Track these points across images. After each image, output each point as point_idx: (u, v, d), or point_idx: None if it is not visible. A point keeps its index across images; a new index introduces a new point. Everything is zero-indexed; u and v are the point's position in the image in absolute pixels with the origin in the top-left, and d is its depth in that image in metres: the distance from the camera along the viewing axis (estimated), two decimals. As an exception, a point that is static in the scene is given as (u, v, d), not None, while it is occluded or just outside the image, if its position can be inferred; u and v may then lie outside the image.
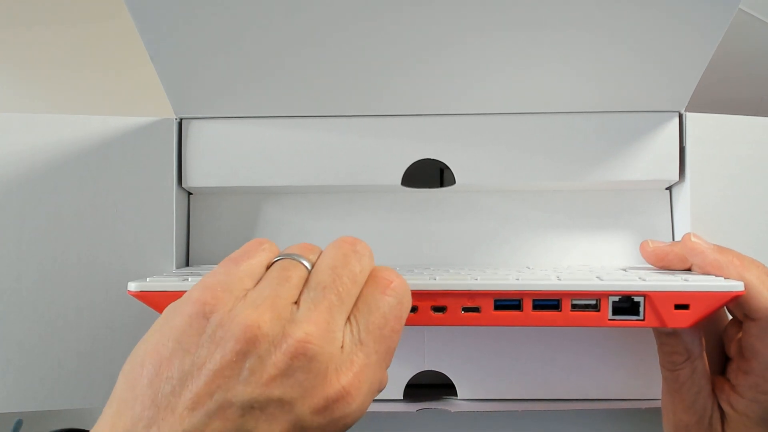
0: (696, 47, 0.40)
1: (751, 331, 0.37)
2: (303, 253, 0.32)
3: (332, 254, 0.31)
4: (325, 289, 0.29)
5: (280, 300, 0.28)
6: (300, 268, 0.31)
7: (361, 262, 0.31)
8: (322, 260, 0.31)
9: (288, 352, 0.27)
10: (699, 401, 0.39)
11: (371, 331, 0.29)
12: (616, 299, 0.35)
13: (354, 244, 0.32)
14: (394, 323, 0.30)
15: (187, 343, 0.27)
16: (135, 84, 0.61)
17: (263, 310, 0.28)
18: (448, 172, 0.46)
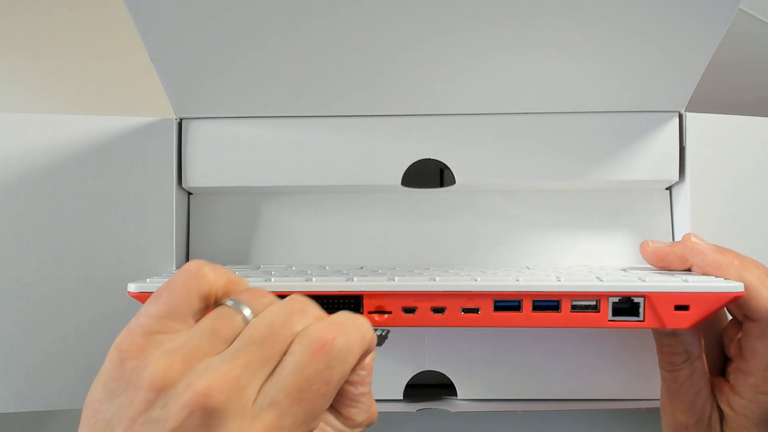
0: (696, 47, 0.40)
1: (750, 332, 0.37)
2: (250, 301, 0.30)
3: (276, 311, 0.29)
4: (252, 344, 0.28)
5: (198, 352, 0.27)
6: (236, 319, 0.29)
7: (304, 322, 0.29)
8: (264, 315, 0.29)
9: (186, 405, 0.25)
10: (698, 402, 0.39)
11: (289, 392, 0.27)
12: (616, 300, 0.35)
13: (304, 305, 0.30)
14: (319, 387, 0.28)
15: (112, 387, 0.27)
16: (135, 84, 0.61)
17: (175, 360, 0.27)
18: (448, 172, 0.46)
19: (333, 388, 0.28)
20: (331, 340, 0.28)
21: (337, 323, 0.29)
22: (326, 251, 0.47)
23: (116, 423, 0.26)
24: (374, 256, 0.47)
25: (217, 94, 0.44)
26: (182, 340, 0.28)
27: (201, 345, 0.27)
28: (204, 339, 0.28)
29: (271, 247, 0.47)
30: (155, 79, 0.43)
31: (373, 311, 0.35)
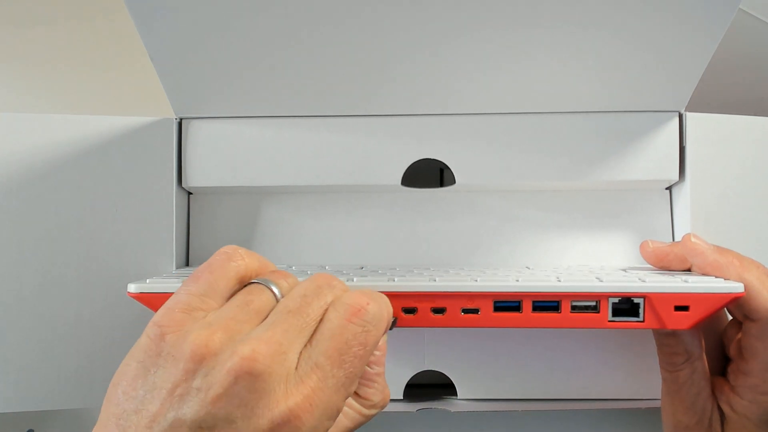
0: (696, 47, 0.40)
1: (750, 332, 0.37)
2: (276, 279, 0.31)
3: (306, 284, 0.31)
4: (289, 312, 0.29)
5: (235, 322, 0.28)
6: (267, 294, 0.30)
7: (334, 294, 0.31)
8: (295, 289, 0.31)
9: (232, 370, 0.26)
10: (698, 402, 0.39)
11: (330, 355, 0.28)
12: (616, 301, 0.35)
13: (330, 279, 0.31)
14: (358, 349, 0.29)
15: (148, 363, 0.28)
16: (135, 84, 0.61)
17: (215, 329, 0.28)
18: (448, 172, 0.46)
19: (369, 351, 0.30)
20: (365, 305, 0.30)
21: (366, 292, 0.31)
22: (326, 251, 0.47)
23: (150, 399, 0.27)
24: (374, 256, 0.47)
25: (217, 94, 0.44)
26: (218, 314, 0.29)
27: (238, 316, 0.29)
28: (240, 311, 0.29)
29: (272, 247, 0.47)
30: (155, 79, 0.43)
31: None
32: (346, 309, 0.30)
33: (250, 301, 0.30)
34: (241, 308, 0.29)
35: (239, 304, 0.30)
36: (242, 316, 0.29)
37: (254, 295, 0.30)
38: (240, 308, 0.29)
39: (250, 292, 0.30)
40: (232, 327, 0.28)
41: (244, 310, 0.29)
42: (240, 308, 0.29)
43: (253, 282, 0.31)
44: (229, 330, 0.28)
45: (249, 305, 0.29)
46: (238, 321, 0.28)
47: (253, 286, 0.31)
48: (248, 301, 0.30)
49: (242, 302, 0.30)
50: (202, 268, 0.31)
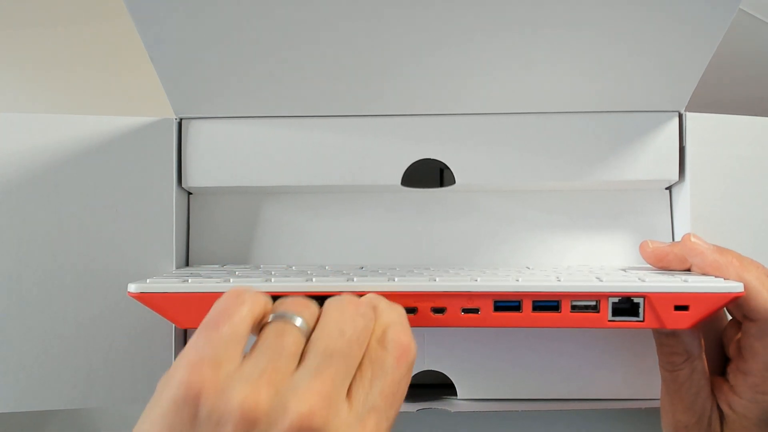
0: (696, 47, 0.40)
1: (750, 332, 0.37)
2: (297, 310, 0.30)
3: (337, 317, 0.29)
4: (332, 356, 0.28)
5: (278, 373, 0.27)
6: (296, 332, 0.29)
7: (366, 322, 0.30)
8: (329, 323, 0.29)
9: (293, 428, 0.25)
10: (698, 402, 0.39)
11: (386, 396, 0.28)
12: (616, 300, 0.35)
13: (357, 306, 0.30)
14: (404, 387, 0.29)
15: (182, 429, 0.25)
16: (135, 84, 0.61)
17: (260, 385, 0.26)
18: (448, 172, 0.46)
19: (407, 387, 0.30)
20: (408, 345, 0.30)
21: (403, 326, 0.30)
22: (326, 251, 0.47)
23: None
24: (374, 256, 0.47)
25: (217, 94, 0.44)
26: (254, 364, 0.27)
27: (277, 365, 0.27)
28: (276, 359, 0.27)
29: (271, 247, 0.47)
30: (155, 79, 0.43)
31: None
32: (395, 348, 0.29)
33: (282, 345, 0.28)
34: (276, 354, 0.27)
35: (272, 349, 0.28)
36: (280, 364, 0.27)
37: (284, 337, 0.28)
38: (275, 354, 0.27)
39: (279, 334, 0.28)
40: (275, 378, 0.26)
41: (280, 355, 0.27)
42: (275, 354, 0.27)
43: (274, 320, 0.29)
44: (273, 383, 0.26)
45: (283, 349, 0.28)
46: (278, 370, 0.27)
47: (278, 325, 0.29)
48: (280, 345, 0.28)
49: (275, 347, 0.28)
50: (218, 314, 0.28)
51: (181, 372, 0.26)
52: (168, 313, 0.35)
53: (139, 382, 0.44)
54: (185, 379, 0.26)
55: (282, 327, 0.29)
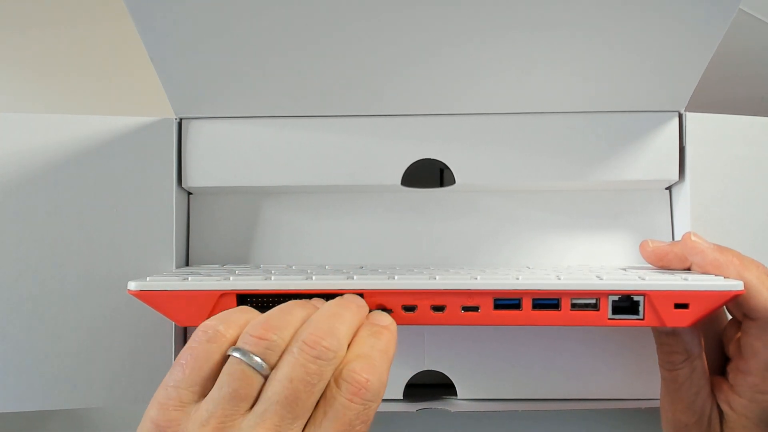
0: (696, 47, 0.40)
1: (750, 331, 0.37)
2: (258, 349, 0.30)
3: (292, 362, 0.30)
4: (278, 402, 0.29)
5: (227, 418, 0.29)
6: (250, 374, 0.30)
7: (321, 366, 0.30)
8: (280, 370, 0.30)
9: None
10: (698, 401, 0.39)
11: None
12: (616, 298, 0.35)
13: (316, 348, 0.30)
14: (361, 426, 0.29)
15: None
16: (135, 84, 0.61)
17: (209, 429, 0.28)
18: (448, 172, 0.46)
19: (370, 421, 0.30)
20: (365, 383, 0.30)
21: (368, 360, 0.30)
22: (326, 251, 0.47)
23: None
24: (374, 256, 0.47)
25: (217, 94, 0.44)
26: (206, 408, 0.29)
27: (227, 410, 0.29)
28: (228, 404, 0.29)
29: (271, 246, 0.47)
30: (155, 79, 0.43)
31: (373, 310, 0.35)
32: (348, 386, 0.29)
33: (236, 390, 0.29)
34: (230, 400, 0.29)
35: (228, 395, 0.29)
36: (230, 408, 0.29)
37: (239, 380, 0.29)
38: (229, 400, 0.29)
39: (234, 376, 0.30)
40: (224, 423, 0.28)
41: (234, 402, 0.29)
42: (229, 400, 0.29)
43: (234, 355, 0.30)
44: (221, 428, 0.28)
45: (237, 394, 0.29)
46: (228, 415, 0.29)
47: (235, 366, 0.30)
48: (235, 391, 0.29)
49: (230, 394, 0.29)
50: (185, 353, 0.31)
51: (152, 409, 0.30)
52: (168, 311, 0.35)
53: (139, 382, 0.44)
54: (153, 416, 0.29)
55: (238, 369, 0.30)
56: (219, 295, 0.35)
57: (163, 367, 0.44)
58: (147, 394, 0.44)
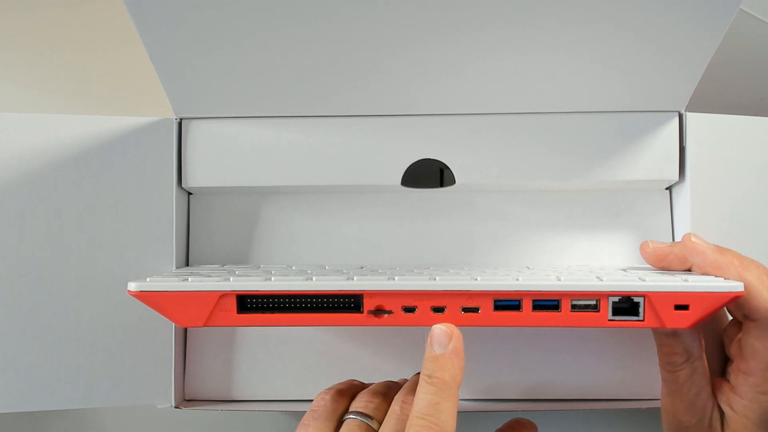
0: (696, 47, 0.40)
1: (750, 332, 0.37)
2: (371, 411, 0.36)
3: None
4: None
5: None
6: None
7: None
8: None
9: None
10: (699, 402, 0.39)
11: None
12: (616, 300, 0.35)
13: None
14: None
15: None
16: (135, 84, 0.61)
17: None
18: (448, 172, 0.46)
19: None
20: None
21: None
22: (326, 251, 0.47)
23: None
24: (374, 256, 0.47)
25: (217, 94, 0.44)
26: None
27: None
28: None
29: (271, 247, 0.47)
30: (155, 79, 0.43)
31: (373, 310, 0.35)
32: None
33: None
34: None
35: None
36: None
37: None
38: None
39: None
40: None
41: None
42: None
43: (351, 417, 0.36)
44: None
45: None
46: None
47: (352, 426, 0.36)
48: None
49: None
50: (308, 414, 0.37)
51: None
52: (168, 311, 0.35)
53: (139, 382, 0.44)
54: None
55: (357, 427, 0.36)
56: (219, 296, 0.35)
57: (164, 367, 0.44)
58: (147, 394, 0.44)
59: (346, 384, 0.40)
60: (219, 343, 0.47)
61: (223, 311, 0.35)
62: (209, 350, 0.47)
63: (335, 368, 0.46)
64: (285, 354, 0.46)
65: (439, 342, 0.34)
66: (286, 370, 0.46)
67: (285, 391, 0.46)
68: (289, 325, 0.36)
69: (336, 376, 0.45)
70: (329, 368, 0.46)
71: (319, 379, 0.45)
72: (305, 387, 0.46)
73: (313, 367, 0.46)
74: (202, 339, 0.47)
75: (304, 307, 0.36)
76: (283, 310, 0.36)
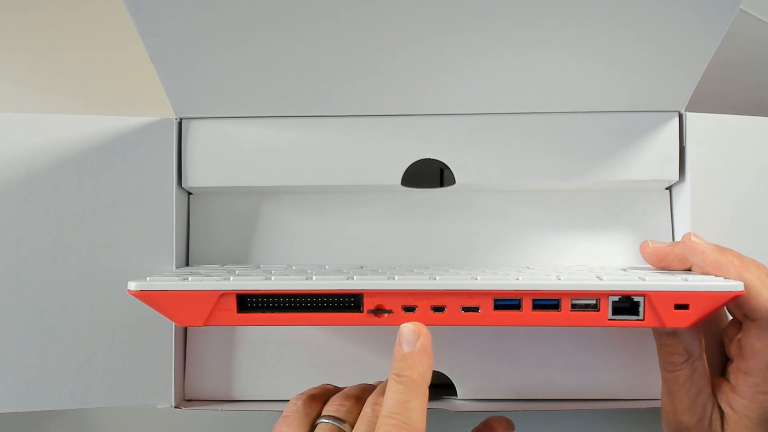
0: (696, 47, 0.40)
1: (750, 332, 0.37)
2: (343, 415, 0.37)
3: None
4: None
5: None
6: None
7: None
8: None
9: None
10: (699, 402, 0.39)
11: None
12: (616, 299, 0.35)
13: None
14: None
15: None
16: (135, 84, 0.61)
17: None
18: (448, 172, 0.46)
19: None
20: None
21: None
22: (326, 251, 0.47)
23: None
24: (374, 256, 0.47)
25: (217, 94, 0.44)
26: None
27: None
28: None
29: (271, 247, 0.47)
30: (155, 79, 0.43)
31: (372, 310, 0.35)
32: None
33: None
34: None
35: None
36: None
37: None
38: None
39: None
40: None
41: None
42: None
43: (323, 421, 0.37)
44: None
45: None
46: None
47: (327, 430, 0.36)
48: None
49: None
50: (281, 420, 0.38)
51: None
52: (168, 311, 0.35)
53: (139, 382, 0.44)
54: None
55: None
56: (219, 296, 0.35)
57: (164, 367, 0.44)
58: (147, 394, 0.44)
59: (320, 389, 0.40)
60: (219, 343, 0.47)
61: (223, 311, 0.35)
62: (209, 350, 0.47)
63: (335, 368, 0.46)
64: (285, 354, 0.46)
65: (407, 340, 0.34)
66: (286, 370, 0.46)
67: (285, 391, 0.46)
68: (289, 324, 0.36)
69: (336, 375, 0.45)
70: (329, 368, 0.46)
71: (319, 379, 0.45)
72: (305, 387, 0.46)
73: (313, 367, 0.46)
74: (202, 339, 0.47)
75: (304, 306, 0.36)
76: (283, 309, 0.36)
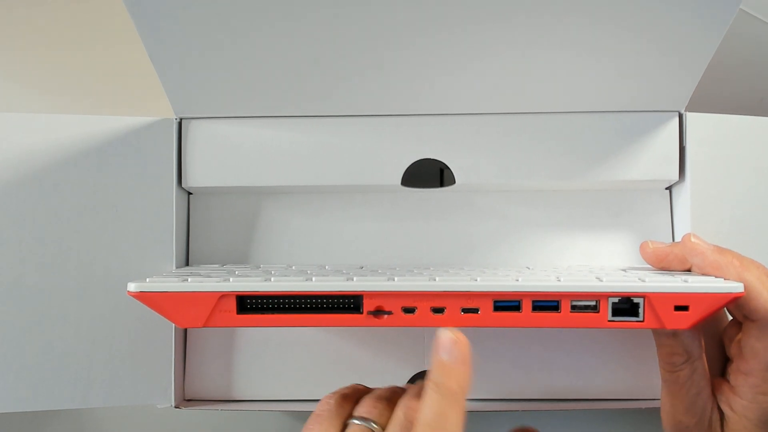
0: (696, 47, 0.40)
1: (750, 332, 0.37)
2: (373, 415, 0.36)
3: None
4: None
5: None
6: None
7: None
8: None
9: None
10: (698, 402, 0.39)
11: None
12: (616, 300, 0.35)
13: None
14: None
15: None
16: (135, 84, 0.61)
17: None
18: (448, 172, 0.46)
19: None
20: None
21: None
22: (326, 251, 0.47)
23: None
24: (374, 256, 0.47)
25: (217, 94, 0.44)
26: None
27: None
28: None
29: (271, 247, 0.47)
30: (155, 79, 0.43)
31: (372, 311, 0.35)
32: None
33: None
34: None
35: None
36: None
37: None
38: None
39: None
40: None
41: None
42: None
43: (354, 423, 0.36)
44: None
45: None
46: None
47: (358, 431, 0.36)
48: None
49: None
50: (312, 419, 0.37)
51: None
52: (168, 312, 0.35)
53: (139, 382, 0.44)
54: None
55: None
56: (219, 297, 0.35)
57: (164, 368, 0.44)
58: (147, 394, 0.44)
59: (351, 388, 0.40)
60: (219, 343, 0.47)
61: (223, 312, 0.35)
62: (209, 350, 0.47)
63: (335, 368, 0.46)
64: (285, 354, 0.46)
65: (445, 349, 0.34)
66: (286, 370, 0.46)
67: (285, 391, 0.46)
68: (289, 325, 0.36)
69: (336, 376, 0.45)
70: (329, 368, 0.46)
71: (319, 380, 0.45)
72: (305, 387, 0.46)
73: (313, 368, 0.46)
74: (202, 339, 0.47)
75: (304, 307, 0.36)
76: (283, 310, 0.36)
